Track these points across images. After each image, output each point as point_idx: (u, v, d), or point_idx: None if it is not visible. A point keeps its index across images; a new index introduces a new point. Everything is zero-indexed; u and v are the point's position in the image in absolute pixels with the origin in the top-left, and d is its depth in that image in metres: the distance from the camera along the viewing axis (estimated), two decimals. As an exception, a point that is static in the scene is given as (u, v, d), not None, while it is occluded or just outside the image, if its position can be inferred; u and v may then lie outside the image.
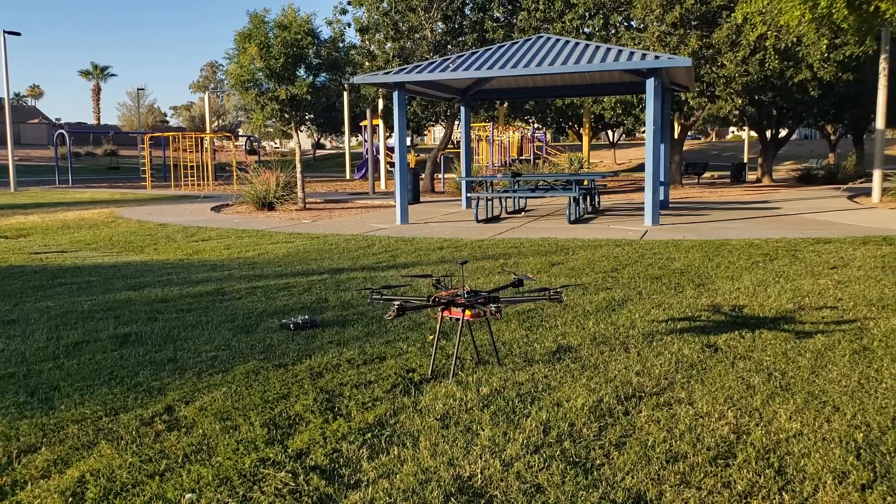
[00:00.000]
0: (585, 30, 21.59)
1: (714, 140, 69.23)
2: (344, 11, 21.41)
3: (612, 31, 21.24)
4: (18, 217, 15.44)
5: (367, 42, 22.26)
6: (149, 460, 2.99)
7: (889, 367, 4.05)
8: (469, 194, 15.68)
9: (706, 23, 20.09)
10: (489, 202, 14.58)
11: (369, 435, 3.22)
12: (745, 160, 37.34)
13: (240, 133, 68.79)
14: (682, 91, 18.26)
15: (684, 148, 32.52)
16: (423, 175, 23.69)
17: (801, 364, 4.13)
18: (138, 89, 76.47)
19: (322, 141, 73.47)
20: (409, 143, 38.10)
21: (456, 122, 24.06)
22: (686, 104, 23.08)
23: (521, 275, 4.29)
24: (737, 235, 10.16)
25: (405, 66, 14.69)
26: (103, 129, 70.93)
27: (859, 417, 3.33)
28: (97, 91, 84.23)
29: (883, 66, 16.02)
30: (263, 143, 64.95)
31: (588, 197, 15.05)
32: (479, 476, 2.81)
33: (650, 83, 11.67)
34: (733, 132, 68.58)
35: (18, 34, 29.43)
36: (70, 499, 2.68)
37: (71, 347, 4.75)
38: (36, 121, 71.18)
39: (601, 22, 20.67)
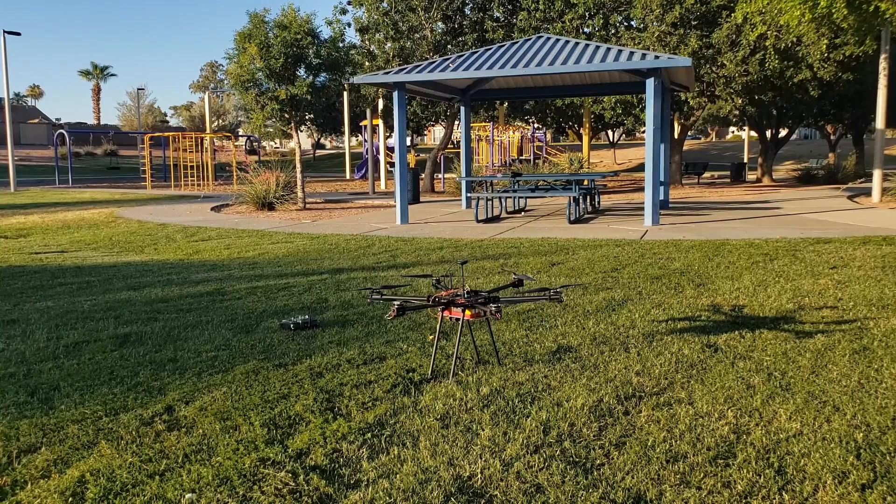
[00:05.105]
0: (585, 30, 21.59)
1: (714, 140, 69.22)
2: (344, 11, 21.41)
3: (612, 31, 21.24)
4: (18, 217, 15.44)
5: (367, 42, 22.26)
6: (149, 460, 2.99)
7: (889, 367, 4.05)
8: (469, 194, 15.69)
9: (706, 23, 20.09)
10: (489, 202, 14.57)
11: (369, 435, 3.22)
12: (745, 160, 37.35)
13: (240, 133, 68.79)
14: (682, 91, 18.26)
15: (684, 148, 32.51)
16: (423, 175, 23.69)
17: (801, 364, 4.13)
18: (138, 89, 76.53)
19: (322, 141, 73.47)
20: (409, 143, 38.10)
21: (456, 122, 24.06)
22: (686, 104, 23.08)
23: (521, 275, 4.29)
24: (737, 235, 10.16)
25: (405, 66, 14.69)
26: (103, 129, 70.93)
27: (859, 417, 3.33)
28: (97, 91, 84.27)
29: (883, 66, 16.02)
30: (263, 143, 64.94)
31: (588, 197, 15.05)
32: (479, 476, 2.81)
33: (650, 83, 11.67)
34: (733, 132, 68.58)
35: (18, 34, 29.43)
36: (70, 499, 2.68)
37: (71, 347, 4.75)
38: (36, 121, 71.17)
39: (601, 22, 20.67)
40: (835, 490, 2.65)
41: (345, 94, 32.31)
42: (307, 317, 5.21)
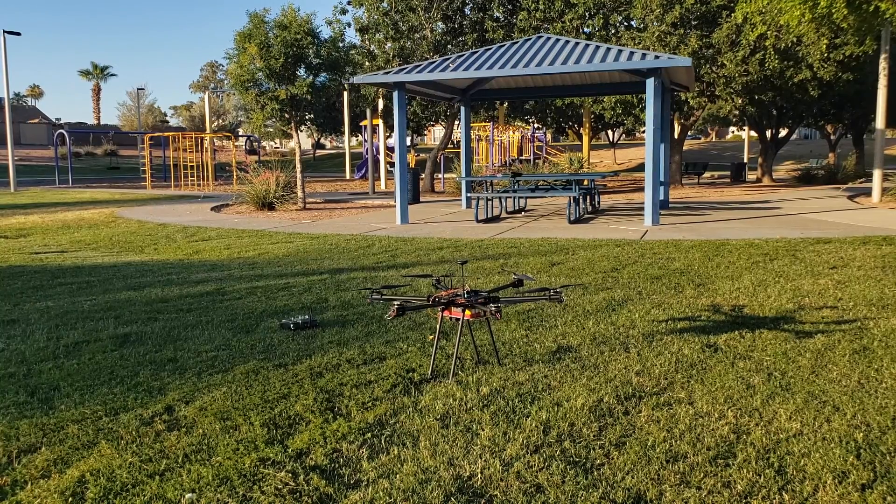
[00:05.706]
0: (585, 30, 21.59)
1: (714, 140, 69.22)
2: (344, 11, 21.42)
3: (612, 31, 21.24)
4: (18, 217, 15.44)
5: (367, 42, 22.26)
6: (149, 460, 2.99)
7: (889, 367, 4.05)
8: (469, 194, 15.68)
9: (706, 22, 20.09)
10: (489, 202, 14.57)
11: (369, 435, 3.22)
12: (745, 160, 37.34)
13: (240, 133, 68.79)
14: (682, 91, 18.26)
15: (684, 148, 32.51)
16: (423, 175, 23.69)
17: (801, 364, 4.13)
18: (138, 89, 76.54)
19: (322, 141, 73.46)
20: (409, 143, 38.09)
21: (456, 122, 24.06)
22: (686, 104, 23.08)
23: (521, 275, 4.29)
24: (737, 235, 10.16)
25: (405, 66, 14.69)
26: (103, 129, 70.93)
27: (859, 417, 3.33)
28: (97, 91, 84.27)
29: (883, 66, 16.02)
30: (263, 143, 64.95)
31: (588, 197, 15.05)
32: (479, 476, 2.81)
33: (650, 83, 11.67)
34: (733, 132, 68.57)
35: (18, 34, 29.44)
36: (70, 499, 2.68)
37: (71, 347, 4.75)
38: (36, 121, 71.16)
39: (601, 22, 20.67)
40: (835, 490, 2.65)
41: (345, 94, 32.32)
42: (307, 317, 5.21)
